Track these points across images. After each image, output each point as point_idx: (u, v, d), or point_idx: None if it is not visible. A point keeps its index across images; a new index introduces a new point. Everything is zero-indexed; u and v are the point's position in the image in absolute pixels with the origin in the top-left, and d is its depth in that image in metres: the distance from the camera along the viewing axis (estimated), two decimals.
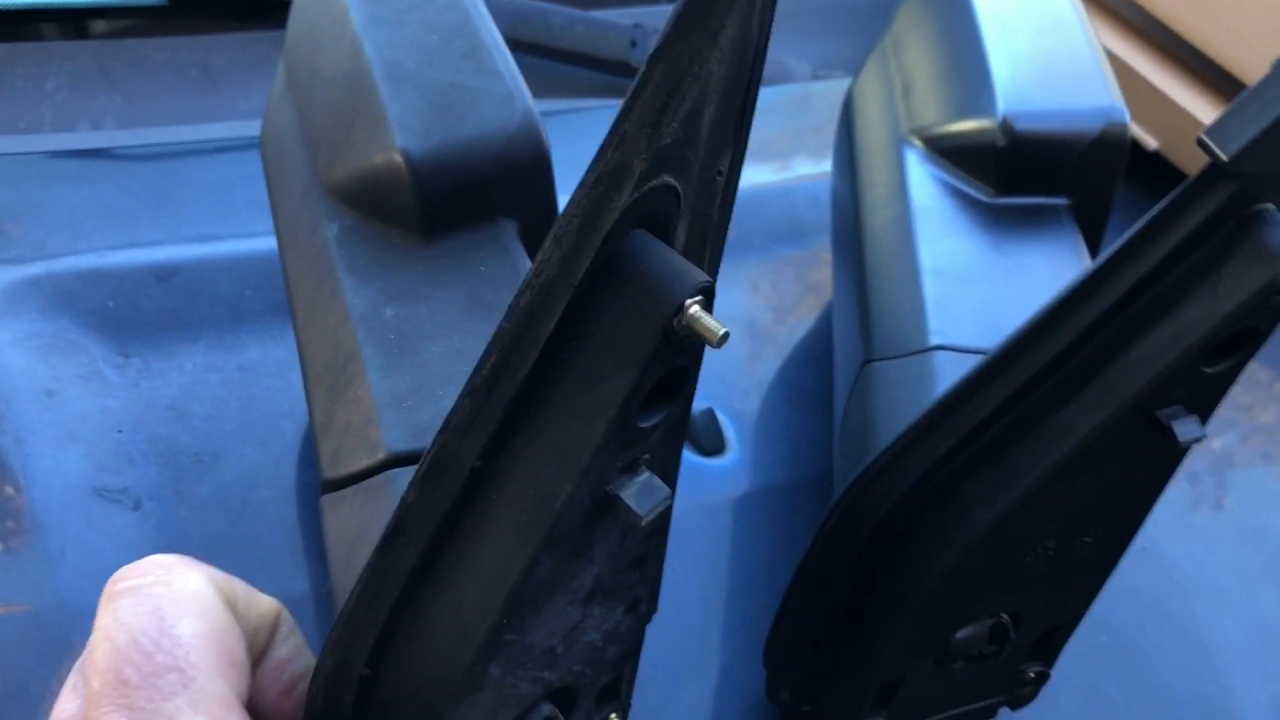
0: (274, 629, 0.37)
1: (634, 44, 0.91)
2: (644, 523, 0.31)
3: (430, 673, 0.33)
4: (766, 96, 0.92)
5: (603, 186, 0.28)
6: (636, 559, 0.37)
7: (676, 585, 0.57)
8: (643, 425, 0.31)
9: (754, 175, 0.81)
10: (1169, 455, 0.41)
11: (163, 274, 0.65)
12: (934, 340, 0.47)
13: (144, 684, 0.31)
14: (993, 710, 0.51)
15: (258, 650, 0.36)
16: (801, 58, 0.98)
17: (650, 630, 0.55)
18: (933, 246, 0.51)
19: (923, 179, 0.54)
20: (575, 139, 0.62)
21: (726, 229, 0.34)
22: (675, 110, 0.28)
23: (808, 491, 0.61)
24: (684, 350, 0.29)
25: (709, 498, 0.60)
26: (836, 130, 0.67)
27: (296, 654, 0.37)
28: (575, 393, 0.30)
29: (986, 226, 0.52)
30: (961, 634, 0.45)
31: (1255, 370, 0.75)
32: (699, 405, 0.64)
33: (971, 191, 0.54)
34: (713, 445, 0.62)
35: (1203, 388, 0.40)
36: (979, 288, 0.49)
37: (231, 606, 0.34)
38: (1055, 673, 0.52)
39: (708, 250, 0.34)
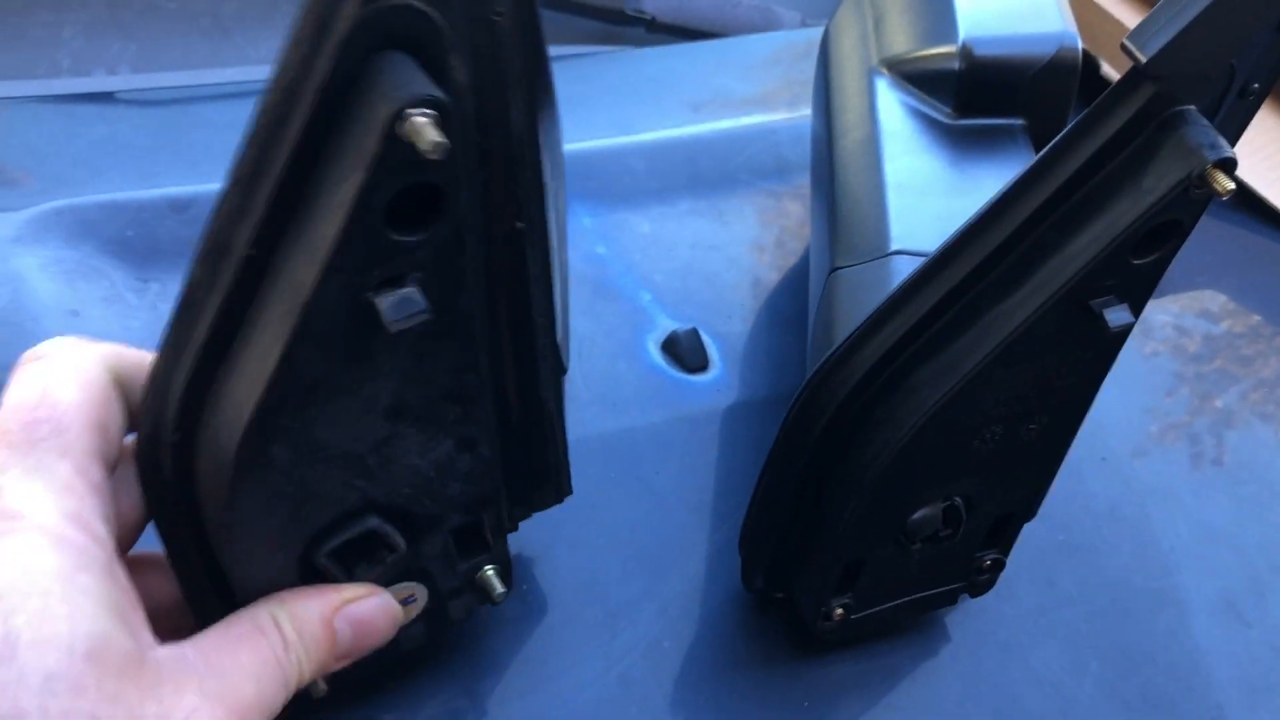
0: None
1: None
2: (392, 328, 0.34)
3: (221, 441, 0.36)
4: (756, 43, 0.96)
5: None
6: (450, 393, 0.40)
7: (661, 489, 0.61)
8: (398, 239, 0.34)
9: (741, 116, 0.85)
10: (1102, 343, 0.44)
11: (178, 206, 0.69)
12: (894, 246, 0.51)
13: (20, 430, 0.37)
14: (952, 597, 0.55)
15: None
16: (791, 5, 1.01)
17: (635, 528, 0.59)
18: (896, 164, 0.54)
19: (889, 103, 0.58)
20: (571, 83, 0.66)
21: (527, 75, 0.37)
22: None
23: (785, 405, 0.64)
24: (425, 164, 0.32)
25: (692, 410, 0.64)
26: (815, 67, 0.70)
27: None
28: (324, 193, 0.33)
29: (947, 145, 0.56)
30: (917, 516, 0.49)
31: (1259, 323, 0.78)
32: (685, 325, 0.68)
33: (934, 114, 0.57)
34: (697, 362, 0.66)
35: (1133, 279, 0.43)
36: (937, 199, 0.53)
37: (123, 380, 0.40)
38: (1013, 567, 0.56)
39: (513, 95, 0.36)
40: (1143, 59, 0.39)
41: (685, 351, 0.66)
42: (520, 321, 0.44)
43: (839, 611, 0.52)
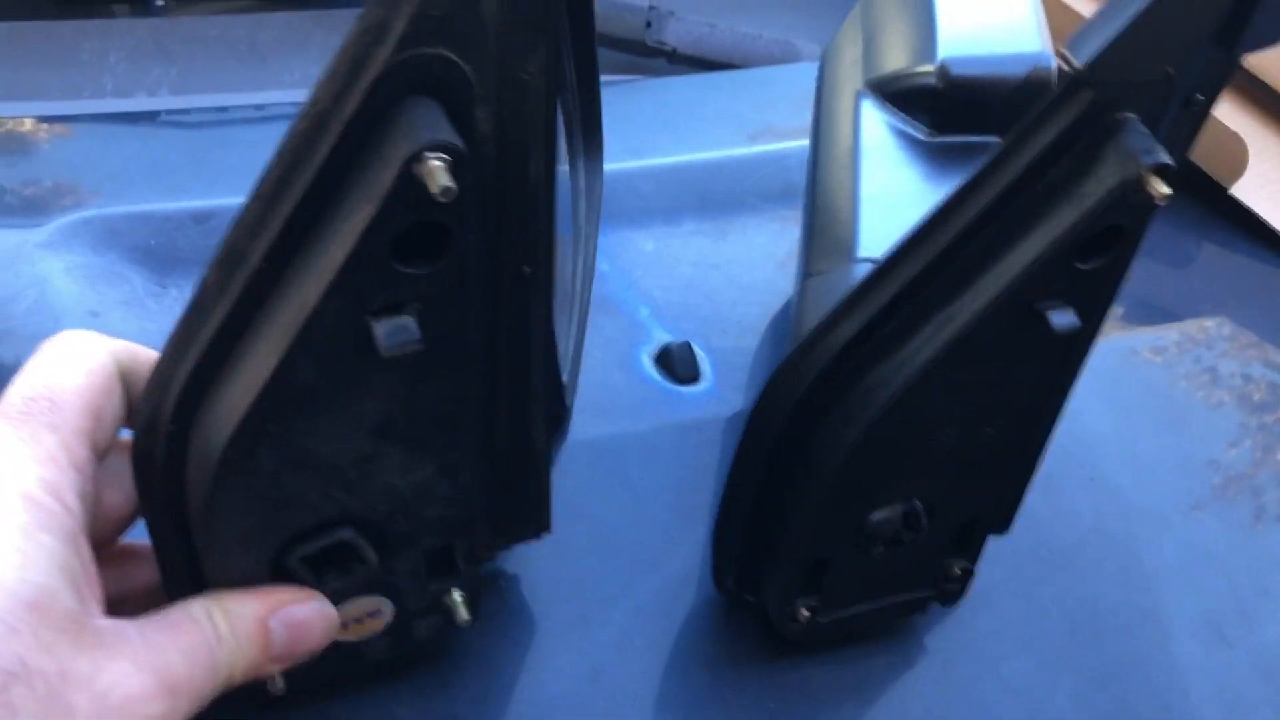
0: None
1: (649, 25, 0.97)
2: (384, 353, 0.37)
3: (212, 437, 0.38)
4: (775, 75, 0.98)
5: (368, 37, 0.33)
6: (437, 420, 0.42)
7: (646, 493, 0.62)
8: (403, 269, 0.36)
9: (755, 144, 0.87)
10: (1050, 346, 0.45)
11: (200, 218, 0.72)
12: (861, 254, 0.52)
13: (21, 404, 0.40)
14: (922, 604, 0.56)
15: None
16: (810, 39, 1.03)
17: (617, 529, 0.60)
18: (872, 178, 0.56)
19: (872, 122, 0.59)
20: None
21: (554, 135, 0.39)
22: None
23: None
24: (434, 204, 0.34)
25: (681, 419, 0.65)
26: (815, 90, 0.72)
27: None
28: (338, 219, 0.35)
29: (923, 161, 0.57)
30: (876, 516, 0.50)
31: None
32: (678, 338, 0.69)
33: (913, 132, 0.59)
34: (687, 374, 0.67)
35: (1081, 284, 0.44)
36: (908, 212, 0.53)
37: (129, 375, 0.42)
38: (991, 579, 0.57)
39: (534, 148, 0.39)
40: (1078, 65, 0.40)
41: (677, 363, 0.67)
42: (518, 360, 0.45)
43: (804, 612, 0.53)
